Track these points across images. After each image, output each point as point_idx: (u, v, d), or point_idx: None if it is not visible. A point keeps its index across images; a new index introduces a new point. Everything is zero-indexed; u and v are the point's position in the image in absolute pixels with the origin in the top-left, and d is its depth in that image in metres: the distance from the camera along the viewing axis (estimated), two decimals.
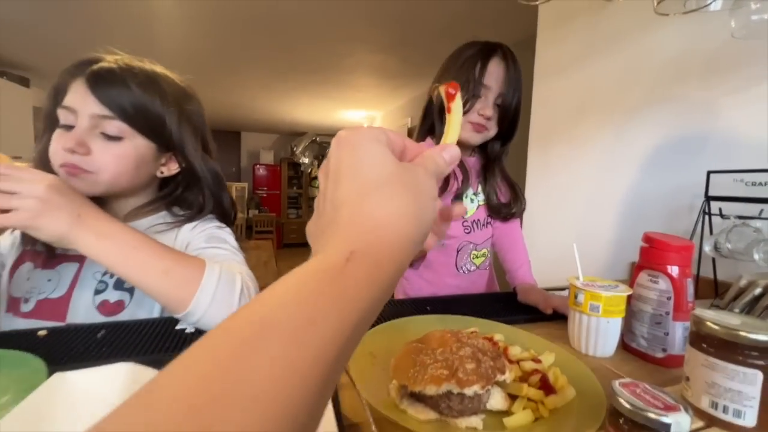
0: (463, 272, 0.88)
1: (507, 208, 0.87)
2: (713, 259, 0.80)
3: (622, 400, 0.28)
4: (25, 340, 0.49)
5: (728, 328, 0.30)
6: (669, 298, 0.50)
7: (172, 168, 0.64)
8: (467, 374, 0.35)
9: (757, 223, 0.72)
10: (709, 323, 0.32)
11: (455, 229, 0.86)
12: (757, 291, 0.64)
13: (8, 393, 0.30)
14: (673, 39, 0.98)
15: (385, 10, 2.18)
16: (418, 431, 0.33)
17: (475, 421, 0.35)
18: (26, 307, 0.56)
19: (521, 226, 0.94)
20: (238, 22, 2.37)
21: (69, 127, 0.54)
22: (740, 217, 0.75)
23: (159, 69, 0.62)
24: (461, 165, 0.84)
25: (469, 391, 0.34)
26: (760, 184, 0.73)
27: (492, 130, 0.80)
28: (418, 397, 0.36)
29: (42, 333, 0.51)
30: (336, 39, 2.65)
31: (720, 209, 0.79)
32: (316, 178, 7.13)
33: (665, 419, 0.26)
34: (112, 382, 0.31)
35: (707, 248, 0.78)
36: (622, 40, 1.12)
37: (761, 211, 0.73)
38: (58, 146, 0.53)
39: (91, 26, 2.49)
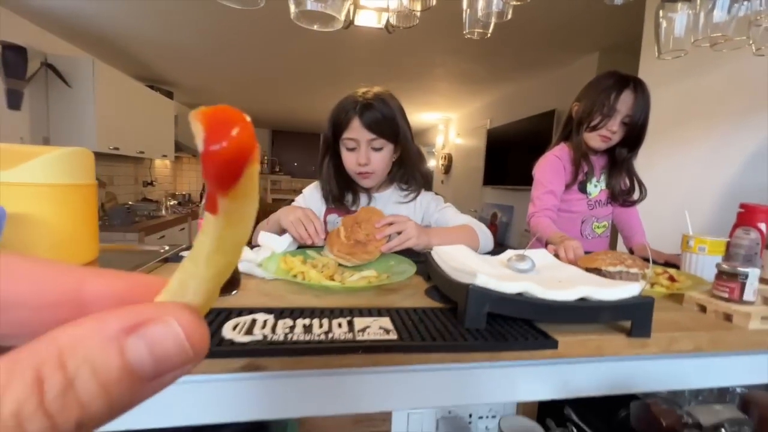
0: (587, 238, 1.19)
1: (627, 196, 1.16)
2: None
3: (724, 265, 0.57)
4: None
5: None
6: (758, 243, 0.76)
7: (395, 156, 1.00)
8: (630, 264, 0.67)
9: None
10: None
11: (580, 206, 1.18)
12: None
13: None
14: (765, 61, 1.18)
15: None
16: None
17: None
18: None
19: None
20: (347, 40, 2.81)
21: (353, 149, 0.93)
22: None
23: (378, 90, 0.93)
24: (588, 161, 1.15)
25: (632, 270, 0.66)
26: None
27: (614, 141, 1.10)
28: (600, 275, 0.68)
29: None
30: (434, 50, 2.98)
31: None
32: None
33: (746, 269, 0.55)
34: None
35: None
36: (720, 59, 1.32)
37: None
38: (353, 163, 0.93)
39: (225, 51, 3.09)
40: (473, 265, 0.61)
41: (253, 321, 0.43)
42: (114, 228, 3.13)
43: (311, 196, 1.05)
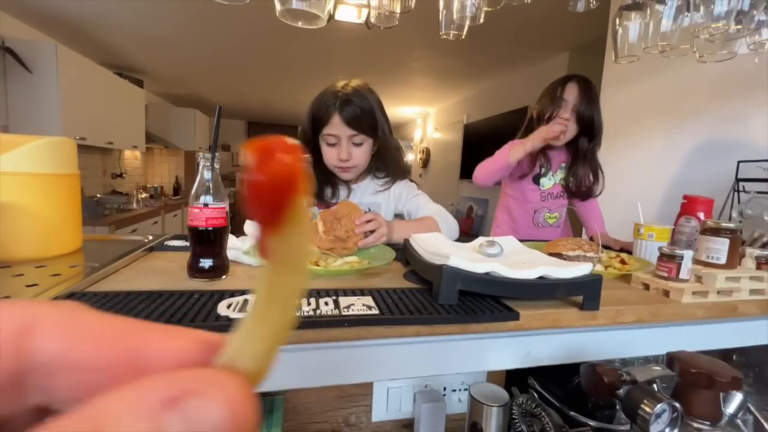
0: (539, 226, 1.29)
1: (590, 190, 1.26)
2: (740, 222, 1.12)
3: (665, 248, 0.66)
4: None
5: (716, 222, 0.68)
6: (697, 230, 0.86)
7: (374, 148, 1.03)
8: (587, 249, 0.74)
9: None
10: (709, 222, 0.69)
11: (533, 196, 1.28)
12: (765, 239, 0.97)
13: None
14: (716, 64, 1.29)
15: None
16: None
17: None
18: None
19: None
20: (327, 33, 2.80)
21: (334, 144, 0.95)
22: (758, 192, 1.07)
23: (357, 84, 0.94)
24: (546, 155, 1.23)
25: (588, 254, 0.73)
26: None
27: (571, 130, 1.19)
28: (561, 258, 0.75)
29: None
30: (411, 45, 3.02)
31: (743, 187, 1.11)
32: None
33: (682, 252, 0.63)
34: None
35: (734, 214, 1.11)
36: (678, 61, 1.43)
37: None
38: (334, 158, 0.95)
39: (198, 38, 3.00)
40: (447, 249, 0.67)
41: (245, 300, 0.47)
42: (83, 221, 3.01)
43: None
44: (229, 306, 0.45)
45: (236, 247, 0.68)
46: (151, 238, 0.81)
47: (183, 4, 2.44)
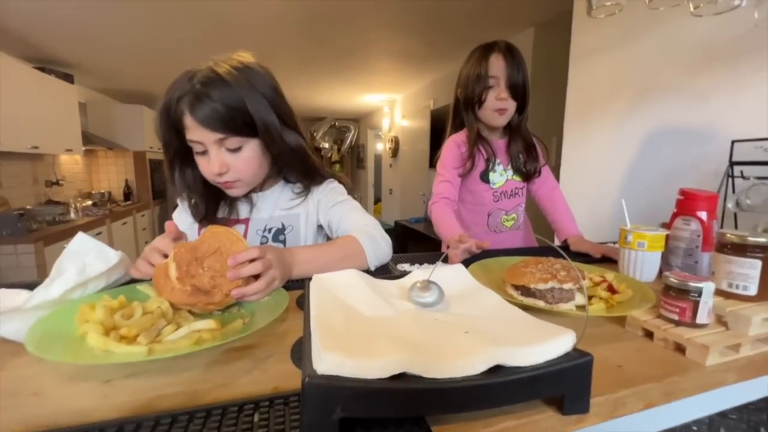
0: (497, 232, 1.10)
1: (532, 165, 1.07)
2: (735, 215, 0.95)
3: (671, 278, 0.45)
4: None
5: (740, 236, 0.48)
6: (699, 236, 0.67)
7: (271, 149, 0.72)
8: (563, 277, 0.53)
9: None
10: (729, 234, 0.49)
11: (485, 198, 1.07)
12: None
13: None
14: (701, 25, 1.11)
15: None
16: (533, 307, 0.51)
17: (569, 306, 0.53)
18: None
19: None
20: (269, 10, 2.49)
21: (203, 152, 0.68)
22: (758, 178, 0.90)
23: (221, 64, 0.66)
24: (488, 145, 1.05)
25: (566, 286, 0.53)
26: None
27: (511, 108, 1.00)
28: (529, 293, 0.54)
29: None
30: (365, 25, 2.76)
31: (741, 172, 0.93)
32: (336, 162, 7.31)
33: (699, 284, 0.43)
34: None
35: (730, 205, 0.93)
36: (653, 25, 1.25)
37: None
38: (208, 172, 0.69)
39: (132, 24, 2.64)
40: (358, 302, 0.44)
41: None
42: (1, 239, 2.62)
43: (180, 213, 0.80)
44: None
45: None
46: None
47: None
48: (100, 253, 0.53)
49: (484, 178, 1.06)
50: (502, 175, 1.08)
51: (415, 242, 3.92)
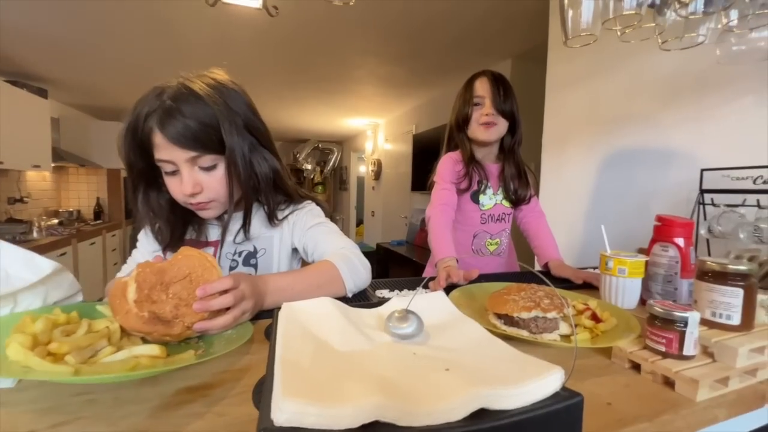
0: (479, 254, 1.09)
1: (523, 192, 1.10)
2: (707, 240, 0.97)
3: (656, 307, 0.44)
4: None
5: (721, 264, 0.47)
6: (677, 262, 0.67)
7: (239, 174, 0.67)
8: (546, 305, 0.51)
9: (742, 210, 0.90)
10: (709, 262, 0.49)
11: (473, 219, 1.07)
12: None
13: None
14: (669, 61, 1.17)
15: (397, 24, 2.35)
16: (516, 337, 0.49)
17: (554, 336, 0.51)
18: None
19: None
20: (256, 34, 2.51)
21: (173, 172, 0.64)
22: (728, 206, 0.92)
23: (192, 81, 0.64)
24: (481, 168, 1.06)
25: (550, 315, 0.50)
26: (743, 178, 0.91)
27: (501, 124, 1.04)
28: (512, 322, 0.52)
29: None
30: (349, 51, 2.82)
31: (712, 199, 0.96)
32: (318, 184, 7.28)
33: (684, 314, 0.42)
34: None
35: (702, 231, 0.95)
36: (624, 58, 1.31)
37: (744, 200, 0.91)
38: (179, 193, 0.65)
39: (107, 38, 2.59)
40: (331, 334, 0.40)
41: None
42: None
43: (144, 239, 0.75)
44: None
45: None
46: None
47: (79, 3, 2.04)
48: (30, 262, 0.48)
49: (475, 198, 1.07)
50: (491, 199, 1.09)
51: (397, 265, 3.88)
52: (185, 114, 0.59)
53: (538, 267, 1.07)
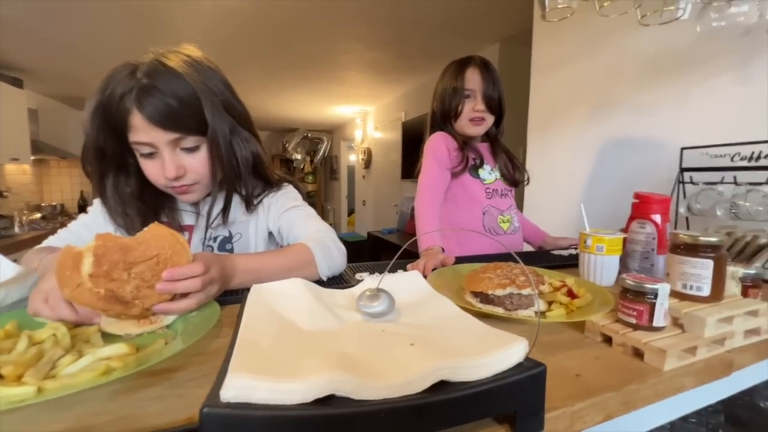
0: (492, 233, 1.03)
1: (518, 174, 1.10)
2: (686, 218, 0.98)
3: (628, 280, 0.44)
4: None
5: (692, 236, 0.47)
6: (654, 238, 0.67)
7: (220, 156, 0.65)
8: (522, 282, 0.51)
9: (720, 188, 0.91)
10: (681, 235, 0.49)
11: (478, 194, 1.04)
12: (748, 238, 0.82)
13: None
14: (650, 40, 1.17)
15: (383, 9, 2.30)
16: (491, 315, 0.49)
17: (529, 312, 0.51)
18: None
19: (524, 199, 1.15)
20: (239, 20, 2.45)
21: (151, 154, 0.61)
22: (707, 183, 0.93)
23: (172, 62, 0.60)
24: (474, 148, 1.05)
25: (524, 292, 0.50)
26: (721, 156, 0.91)
27: (489, 119, 1.03)
28: (488, 299, 0.52)
29: None
30: (334, 37, 2.76)
31: (691, 177, 0.97)
32: (308, 173, 7.22)
33: (654, 286, 0.42)
34: None
35: (682, 209, 0.96)
36: (607, 39, 1.30)
37: (722, 177, 0.92)
38: (159, 177, 0.62)
39: (85, 26, 2.51)
40: (298, 314, 0.39)
41: None
42: None
43: (96, 217, 0.70)
44: None
45: None
46: None
47: None
48: None
49: (474, 174, 1.05)
50: (491, 174, 1.08)
51: (388, 253, 3.89)
52: (164, 92, 0.56)
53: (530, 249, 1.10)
